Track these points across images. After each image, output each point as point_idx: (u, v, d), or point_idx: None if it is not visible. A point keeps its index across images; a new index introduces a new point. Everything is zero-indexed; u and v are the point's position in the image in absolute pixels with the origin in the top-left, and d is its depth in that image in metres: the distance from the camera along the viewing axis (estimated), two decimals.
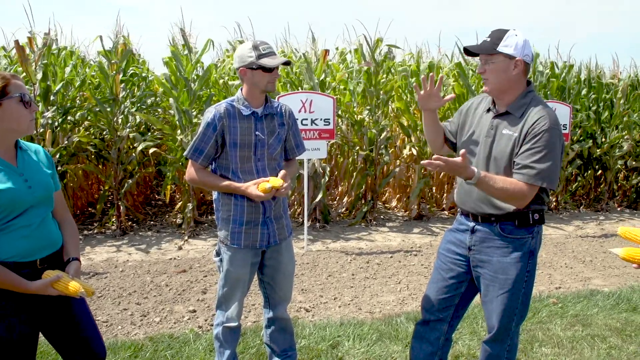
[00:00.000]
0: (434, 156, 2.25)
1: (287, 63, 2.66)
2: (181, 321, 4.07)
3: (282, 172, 2.68)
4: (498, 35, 2.37)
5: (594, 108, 8.79)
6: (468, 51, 2.48)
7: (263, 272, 2.88)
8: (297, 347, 3.25)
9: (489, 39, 2.39)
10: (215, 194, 2.83)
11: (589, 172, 8.99)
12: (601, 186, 9.12)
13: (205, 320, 4.08)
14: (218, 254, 2.85)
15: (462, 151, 2.27)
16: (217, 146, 2.69)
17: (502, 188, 2.32)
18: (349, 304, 4.54)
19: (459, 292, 2.62)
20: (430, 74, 2.65)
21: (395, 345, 3.61)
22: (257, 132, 2.70)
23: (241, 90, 2.73)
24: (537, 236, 2.49)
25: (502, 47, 2.34)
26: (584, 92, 8.81)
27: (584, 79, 8.91)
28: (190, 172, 2.75)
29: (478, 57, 2.50)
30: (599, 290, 4.85)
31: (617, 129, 8.86)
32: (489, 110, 2.53)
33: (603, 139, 8.78)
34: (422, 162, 2.38)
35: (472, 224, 2.53)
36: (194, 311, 4.26)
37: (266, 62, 2.59)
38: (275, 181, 2.59)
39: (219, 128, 2.65)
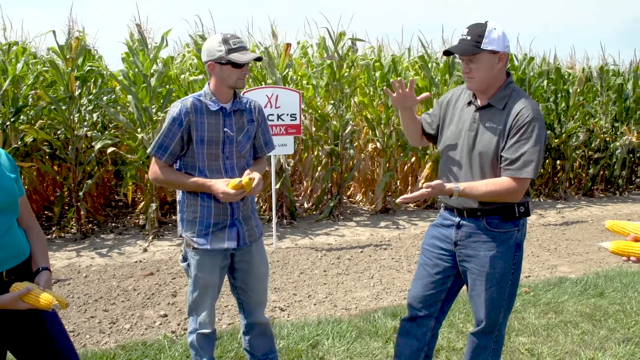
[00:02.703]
0: (418, 193, 2.31)
1: (258, 59, 2.54)
2: (153, 327, 3.92)
3: (247, 172, 2.56)
4: (478, 32, 2.31)
5: (552, 99, 9.01)
6: (448, 52, 2.44)
7: (235, 276, 2.76)
8: (277, 348, 3.17)
9: (468, 37, 2.33)
10: (179, 195, 2.67)
11: (548, 161, 9.22)
12: (559, 175, 9.37)
13: (178, 325, 3.94)
14: (185, 258, 2.70)
15: (425, 185, 2.31)
16: (182, 143, 2.53)
17: (487, 191, 2.32)
18: (323, 301, 4.48)
19: (445, 287, 2.60)
20: (399, 78, 2.61)
21: (375, 342, 3.58)
22: (225, 129, 2.56)
23: (208, 84, 2.59)
24: (522, 228, 2.49)
25: (485, 45, 2.30)
26: (543, 83, 9.01)
27: (542, 71, 9.11)
28: (154, 170, 2.59)
29: (454, 55, 2.47)
30: (566, 278, 4.97)
31: (573, 119, 9.12)
32: (469, 103, 2.49)
33: (560, 130, 9.02)
34: (399, 199, 2.35)
35: (457, 219, 2.51)
36: (166, 315, 4.11)
37: (236, 57, 2.45)
38: (246, 181, 2.45)
39: (185, 123, 2.50)
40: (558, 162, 9.37)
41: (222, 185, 2.45)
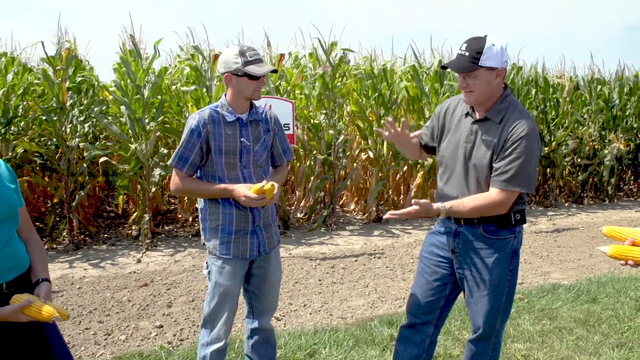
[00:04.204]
0: (406, 210, 2.33)
1: (274, 71, 2.59)
2: (148, 338, 3.90)
3: (270, 181, 2.58)
4: (476, 48, 2.32)
5: (541, 107, 9.12)
6: (446, 67, 2.46)
7: (249, 281, 2.79)
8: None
9: (466, 54, 2.33)
10: (201, 203, 2.71)
11: (538, 169, 9.30)
12: (549, 182, 9.46)
13: (174, 336, 3.92)
14: (208, 266, 2.74)
15: (414, 202, 2.32)
16: (202, 153, 2.58)
17: (474, 207, 2.36)
18: (319, 311, 4.48)
19: (443, 294, 2.62)
20: (390, 119, 2.64)
21: (372, 350, 3.59)
22: (242, 139, 2.61)
23: (225, 95, 2.64)
24: (519, 235, 2.52)
25: (483, 62, 2.31)
26: (532, 92, 9.12)
27: (531, 80, 9.23)
28: (175, 181, 2.63)
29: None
30: (559, 284, 5.01)
31: (563, 127, 9.24)
32: (467, 114, 2.52)
33: (550, 138, 9.12)
34: (387, 215, 2.38)
35: (454, 226, 2.53)
36: (161, 326, 4.09)
37: (253, 69, 2.50)
38: (268, 187, 2.50)
39: (204, 134, 2.55)
40: (548, 169, 9.47)
41: (244, 190, 2.50)
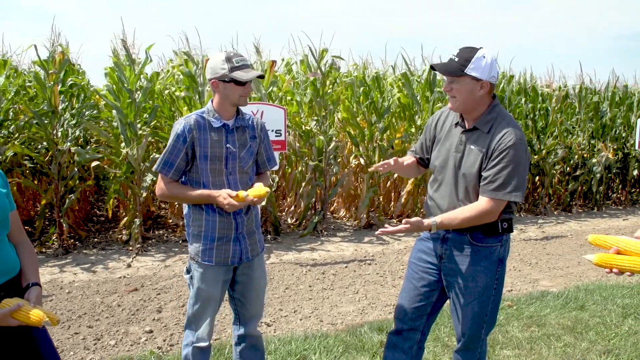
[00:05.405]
0: (397, 227, 2.36)
1: (261, 77, 2.60)
2: (138, 343, 3.89)
3: (258, 184, 2.61)
4: (466, 56, 2.36)
5: (530, 116, 9.21)
6: (434, 67, 2.51)
7: (234, 288, 2.80)
8: None
9: (456, 59, 2.38)
10: (185, 209, 2.72)
11: (528, 177, 9.38)
12: (538, 190, 9.54)
13: (164, 341, 3.92)
14: (188, 271, 2.75)
15: (404, 221, 2.36)
16: (187, 159, 2.60)
17: (464, 219, 2.39)
18: (309, 317, 4.49)
19: (430, 300, 2.64)
20: (383, 162, 2.66)
21: (362, 356, 3.60)
22: (228, 145, 2.63)
23: (212, 101, 2.66)
24: (505, 244, 2.55)
25: (469, 70, 2.35)
26: (522, 101, 9.21)
27: (520, 89, 9.31)
28: (160, 186, 2.64)
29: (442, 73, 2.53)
30: (548, 291, 5.06)
31: (552, 136, 9.33)
32: (457, 124, 2.56)
33: (539, 146, 9.20)
34: (378, 232, 2.41)
35: (442, 232, 2.56)
36: (151, 331, 4.08)
37: (239, 75, 2.52)
38: (257, 191, 2.51)
39: (189, 140, 2.56)
40: (538, 178, 9.55)
41: (227, 197, 2.49)
